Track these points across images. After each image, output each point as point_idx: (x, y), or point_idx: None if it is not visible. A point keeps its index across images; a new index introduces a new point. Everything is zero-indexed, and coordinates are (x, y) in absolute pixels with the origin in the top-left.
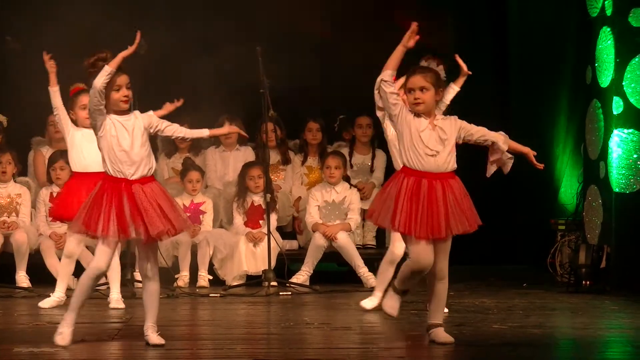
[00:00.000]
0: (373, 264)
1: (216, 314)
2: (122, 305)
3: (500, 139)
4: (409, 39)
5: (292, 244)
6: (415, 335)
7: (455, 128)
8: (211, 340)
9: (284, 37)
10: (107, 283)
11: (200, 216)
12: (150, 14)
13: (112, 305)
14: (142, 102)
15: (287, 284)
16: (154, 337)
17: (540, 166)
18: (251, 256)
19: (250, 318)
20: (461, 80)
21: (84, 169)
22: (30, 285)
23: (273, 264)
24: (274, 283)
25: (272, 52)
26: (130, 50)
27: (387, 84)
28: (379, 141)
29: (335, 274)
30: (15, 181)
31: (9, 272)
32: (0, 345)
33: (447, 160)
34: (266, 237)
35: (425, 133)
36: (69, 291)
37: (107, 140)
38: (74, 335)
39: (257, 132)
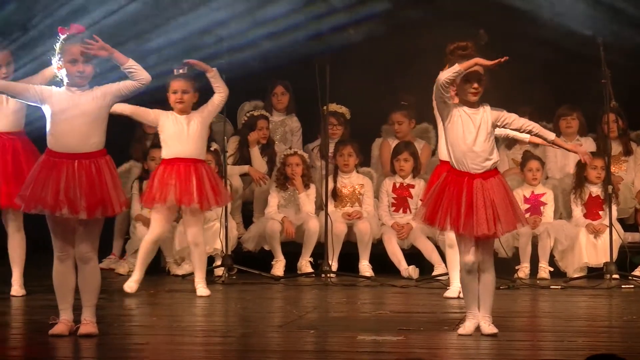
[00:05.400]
0: None
1: (556, 306)
2: (455, 295)
3: None
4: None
5: (634, 237)
6: None
7: None
8: (551, 332)
9: None
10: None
11: (541, 207)
12: None
13: (446, 295)
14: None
15: (630, 277)
16: (486, 327)
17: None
18: (592, 248)
19: (591, 311)
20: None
21: None
22: (372, 274)
23: (615, 256)
24: (615, 276)
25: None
26: (486, 63)
27: None
28: None
29: None
30: (357, 172)
31: (352, 261)
32: (345, 333)
33: None
34: (607, 229)
35: None
36: None
37: (453, 132)
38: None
39: (598, 123)
